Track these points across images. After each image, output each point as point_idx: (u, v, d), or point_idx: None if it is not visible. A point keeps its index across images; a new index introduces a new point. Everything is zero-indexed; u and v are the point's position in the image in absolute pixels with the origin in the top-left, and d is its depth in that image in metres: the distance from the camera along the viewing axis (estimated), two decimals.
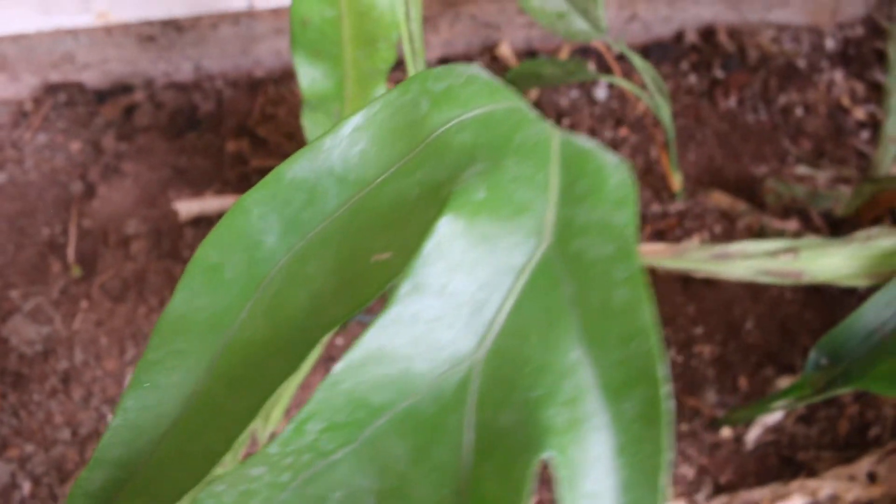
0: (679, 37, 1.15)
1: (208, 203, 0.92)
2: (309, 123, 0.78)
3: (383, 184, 0.40)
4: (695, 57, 1.14)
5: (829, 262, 0.73)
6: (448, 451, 0.34)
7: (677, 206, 0.99)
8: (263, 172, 0.98)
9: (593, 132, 1.05)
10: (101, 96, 1.07)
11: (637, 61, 0.95)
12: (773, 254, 0.73)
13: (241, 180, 0.98)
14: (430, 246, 0.35)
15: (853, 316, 0.71)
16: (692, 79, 1.12)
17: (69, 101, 1.06)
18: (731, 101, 1.10)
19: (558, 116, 1.06)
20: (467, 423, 0.34)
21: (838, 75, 1.13)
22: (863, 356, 0.71)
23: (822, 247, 0.73)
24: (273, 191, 0.40)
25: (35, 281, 0.93)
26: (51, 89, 1.07)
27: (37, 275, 0.93)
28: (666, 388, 0.32)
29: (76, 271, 0.92)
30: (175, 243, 0.94)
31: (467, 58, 1.12)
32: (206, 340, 0.41)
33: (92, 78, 1.06)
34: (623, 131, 1.06)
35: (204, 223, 0.95)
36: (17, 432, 0.87)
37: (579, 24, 0.87)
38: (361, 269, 0.39)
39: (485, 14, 1.07)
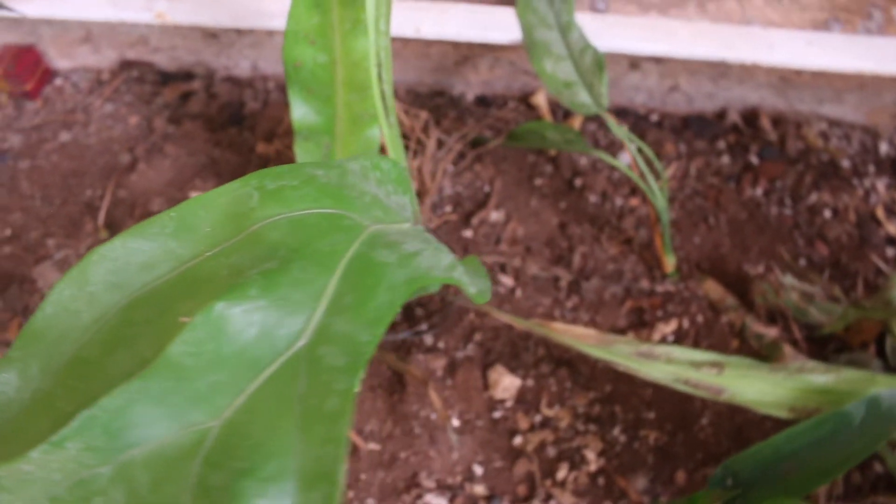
0: (721, 115, 1.14)
1: None
2: (301, 151, 0.84)
3: (206, 260, 0.45)
4: (733, 138, 1.12)
5: (753, 386, 0.72)
6: (178, 490, 0.40)
7: (666, 286, 0.99)
8: None
9: (604, 196, 1.06)
10: (166, 79, 1.17)
11: (634, 145, 0.96)
12: (698, 364, 0.73)
13: None
14: (202, 319, 0.41)
15: (764, 444, 0.71)
16: (724, 159, 1.10)
17: (139, 78, 1.18)
18: (758, 190, 1.08)
19: (573, 175, 1.08)
20: (194, 472, 0.40)
21: (881, 183, 1.08)
22: (762, 485, 0.71)
23: (751, 368, 0.73)
24: (124, 250, 0.47)
25: (69, 235, 1.05)
26: (126, 65, 1.19)
27: (72, 229, 1.05)
28: (340, 491, 0.37)
29: (103, 234, 1.03)
30: None
31: (504, 100, 1.15)
32: (52, 351, 0.48)
33: (162, 60, 1.17)
34: (634, 201, 1.06)
35: None
36: None
37: (583, 96, 0.89)
38: (171, 324, 0.45)
39: (524, 61, 1.10)
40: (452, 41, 0.99)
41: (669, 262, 0.99)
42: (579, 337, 0.78)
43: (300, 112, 0.81)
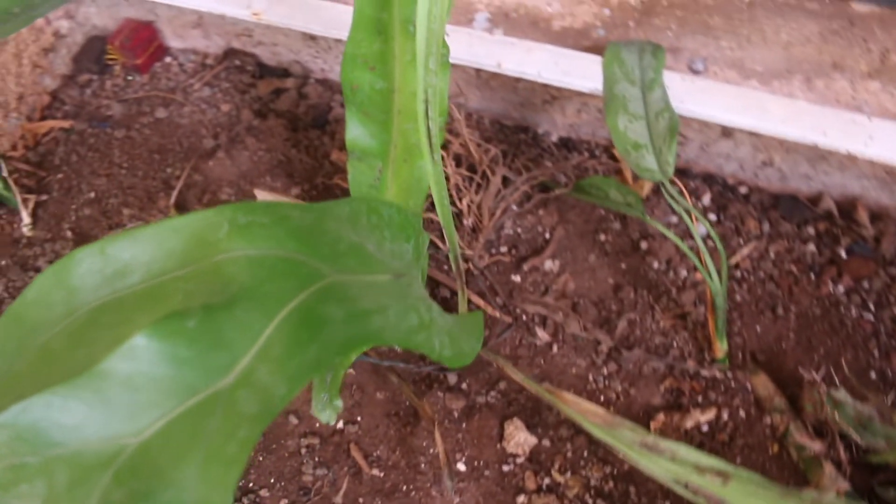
0: (815, 199, 1.05)
1: (282, 201, 1.03)
2: (353, 171, 0.85)
3: (170, 280, 0.46)
4: (823, 226, 1.04)
5: None
6: (87, 496, 0.41)
7: (713, 371, 0.93)
8: (342, 191, 1.07)
9: (668, 264, 1.01)
10: (263, 72, 1.21)
11: (700, 223, 0.90)
12: (703, 470, 0.68)
13: (324, 192, 1.07)
14: (141, 340, 0.41)
15: None
16: (809, 247, 1.02)
17: (240, 67, 1.21)
18: (840, 288, 0.99)
19: (640, 237, 1.03)
20: (103, 483, 0.41)
21: None
22: None
23: (759, 487, 0.67)
24: (103, 256, 0.48)
25: (143, 208, 1.10)
26: (230, 53, 1.23)
27: (147, 203, 1.10)
28: None
29: (173, 213, 1.08)
30: None
31: (587, 146, 1.11)
32: (28, 335, 0.50)
33: (263, 54, 1.21)
34: (699, 275, 1.00)
35: None
36: None
37: (650, 161, 0.85)
38: (126, 334, 0.46)
39: None
40: (534, 81, 0.96)
41: (720, 348, 0.93)
42: (585, 412, 0.74)
43: (355, 133, 0.81)
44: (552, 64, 0.94)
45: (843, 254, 1.02)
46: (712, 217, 1.06)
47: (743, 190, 1.09)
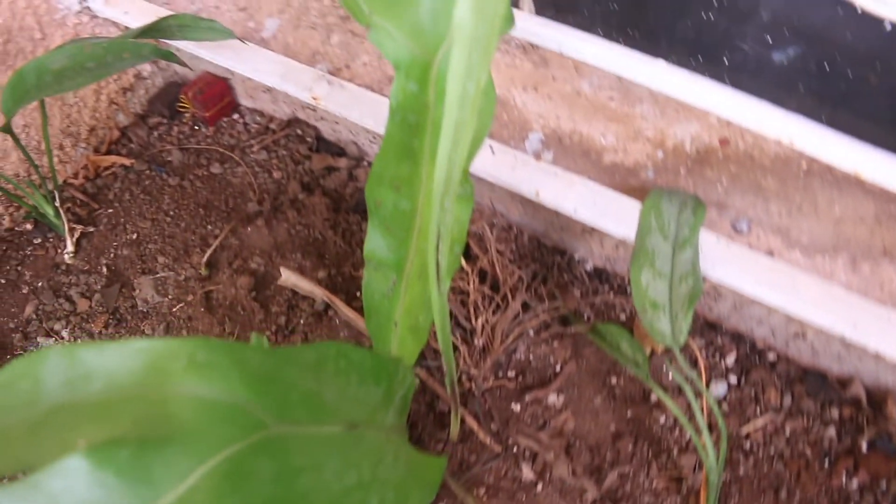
0: (846, 382, 1.01)
1: (303, 284, 1.04)
2: (368, 278, 0.85)
3: (124, 400, 0.47)
4: (849, 411, 0.99)
5: None
6: None
7: None
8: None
9: (676, 422, 0.98)
10: (321, 147, 1.23)
11: (715, 388, 0.87)
12: None
13: (348, 280, 1.08)
14: (64, 464, 0.42)
15: None
16: (829, 432, 0.97)
17: (300, 137, 1.25)
18: (853, 482, 0.94)
19: (651, 388, 1.00)
20: None
21: None
22: None
23: None
24: (73, 359, 0.50)
25: (176, 259, 1.13)
26: (294, 122, 1.26)
27: (182, 255, 1.13)
28: None
29: (203, 270, 1.10)
30: (266, 296, 1.07)
31: (621, 282, 1.10)
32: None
33: (324, 128, 1.24)
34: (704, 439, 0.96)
35: (290, 295, 1.07)
36: None
37: (664, 324, 0.82)
38: (70, 444, 0.47)
39: None
40: (567, 215, 0.95)
41: None
42: None
43: (375, 244, 0.82)
44: (590, 202, 0.94)
45: (864, 446, 0.97)
46: (733, 379, 1.02)
47: (771, 356, 1.04)
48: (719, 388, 1.01)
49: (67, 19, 1.16)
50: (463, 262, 1.01)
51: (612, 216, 0.93)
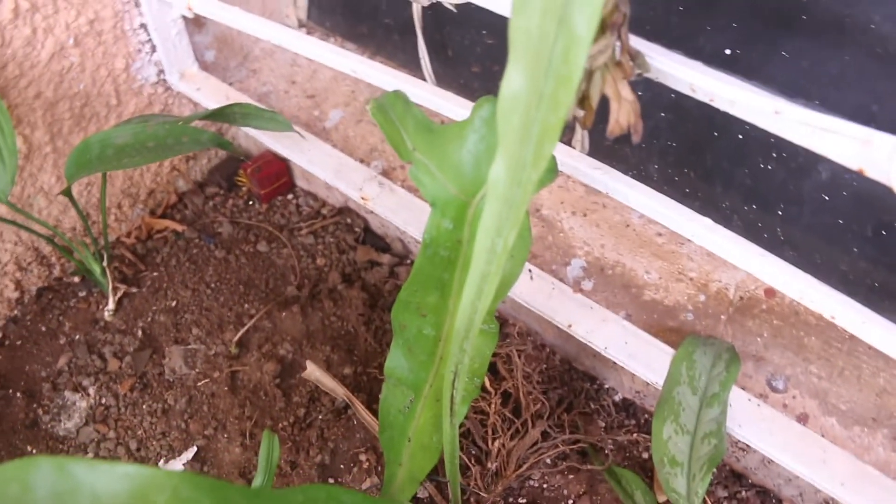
0: None
1: (326, 381, 1.04)
2: (387, 392, 0.85)
3: None
4: None
5: None
6: None
7: None
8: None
9: None
10: (367, 239, 1.25)
11: None
12: None
13: (372, 381, 1.08)
14: None
15: None
16: None
17: (348, 227, 1.26)
18: None
19: None
20: None
21: None
22: None
23: None
24: (62, 471, 0.50)
25: (211, 333, 1.14)
26: (345, 210, 1.28)
27: (215, 330, 1.14)
28: None
29: (233, 349, 1.11)
30: (290, 385, 1.08)
31: (647, 418, 1.07)
32: None
33: (373, 221, 1.25)
34: None
35: (313, 388, 1.07)
36: (123, 422, 1.09)
37: (680, 484, 0.80)
38: None
39: None
40: (596, 352, 0.94)
41: None
42: None
43: (396, 363, 0.82)
44: (622, 342, 0.92)
45: None
46: None
47: None
48: None
49: (144, 89, 1.21)
50: (487, 381, 1.00)
51: (642, 359, 0.91)
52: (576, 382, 1.10)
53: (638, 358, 0.91)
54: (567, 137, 1.04)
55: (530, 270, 0.99)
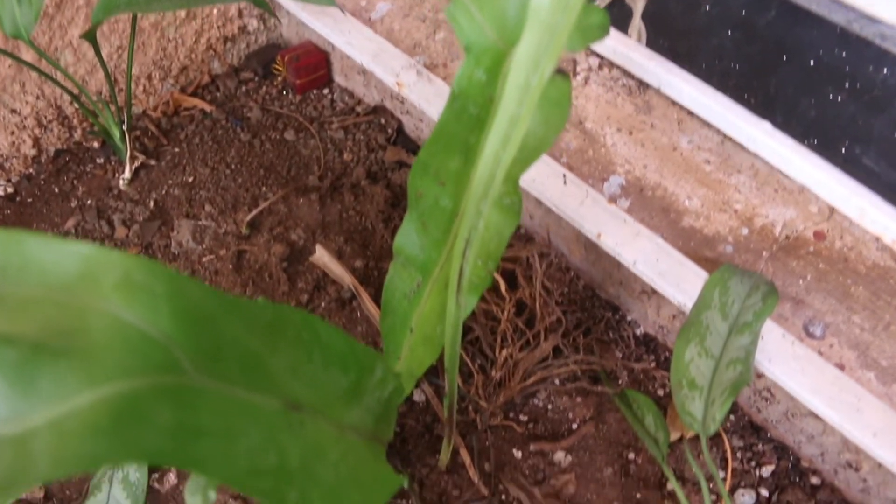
0: None
1: (334, 267, 0.99)
2: (393, 274, 0.79)
3: (47, 299, 0.42)
4: None
5: None
6: None
7: None
8: None
9: None
10: (398, 140, 1.19)
11: (745, 499, 0.76)
12: None
13: (382, 276, 1.03)
14: None
15: None
16: None
17: (381, 126, 1.21)
18: None
19: (675, 477, 0.90)
20: None
21: None
22: None
23: None
24: (18, 245, 0.45)
25: (223, 212, 1.09)
26: (380, 109, 1.22)
27: (228, 209, 1.10)
28: None
29: (244, 229, 1.07)
30: (296, 270, 1.03)
31: (667, 356, 1.00)
32: None
33: (407, 123, 1.19)
34: None
35: (320, 275, 1.02)
36: None
37: (697, 407, 0.73)
38: None
39: None
40: (622, 279, 0.87)
41: None
42: None
43: (407, 238, 0.76)
44: (653, 259, 0.85)
45: None
46: (764, 492, 0.91)
47: (814, 481, 0.93)
48: (746, 498, 0.90)
49: None
50: (503, 287, 0.93)
51: (673, 279, 0.84)
52: (597, 310, 1.03)
53: (668, 277, 0.85)
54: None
55: (564, 175, 0.92)
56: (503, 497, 0.87)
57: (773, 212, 0.95)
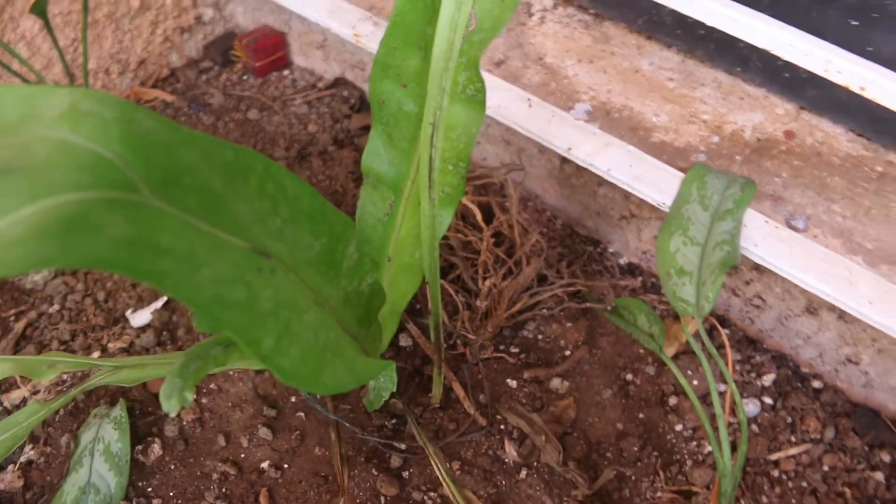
0: None
1: None
2: (364, 198, 0.77)
3: None
4: None
5: None
6: None
7: None
8: None
9: (694, 431, 0.85)
10: (363, 108, 1.18)
11: (748, 405, 0.74)
12: None
13: None
14: None
15: None
16: (877, 475, 0.82)
17: (344, 98, 1.20)
18: None
19: (673, 392, 0.88)
20: None
21: None
22: None
23: None
24: None
25: None
26: (341, 81, 1.22)
27: None
28: None
29: None
30: None
31: (654, 280, 0.98)
32: None
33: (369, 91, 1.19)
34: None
35: None
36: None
37: (688, 292, 0.71)
38: None
39: None
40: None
41: None
42: None
43: (374, 153, 0.74)
44: (626, 165, 0.84)
45: None
46: (767, 400, 0.88)
47: (816, 384, 0.91)
48: (750, 408, 0.88)
49: None
50: (480, 217, 0.92)
51: (649, 181, 0.83)
52: (578, 246, 1.02)
53: (644, 180, 0.83)
54: None
55: (529, 99, 0.91)
56: (502, 427, 0.84)
57: (741, 118, 0.95)
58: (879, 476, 0.83)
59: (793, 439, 0.86)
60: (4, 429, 0.69)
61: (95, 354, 0.95)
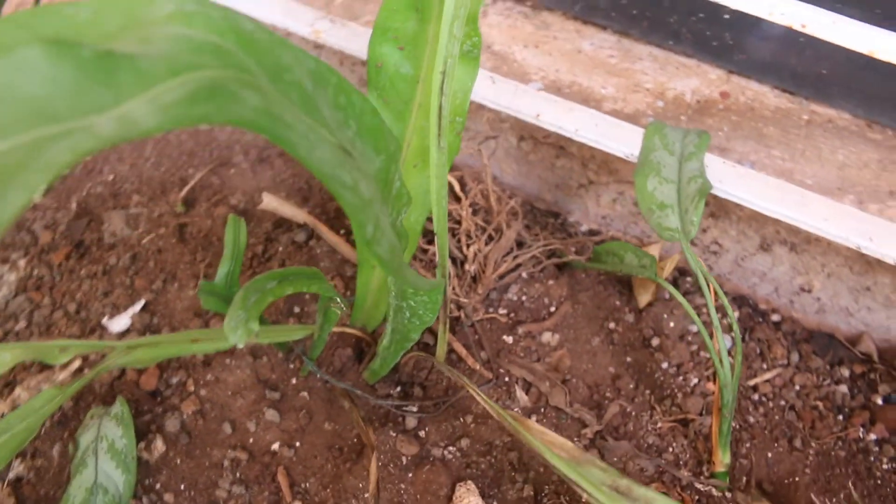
0: (854, 340, 0.95)
1: (286, 209, 0.98)
2: None
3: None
4: (860, 368, 0.93)
5: None
6: None
7: (709, 487, 0.80)
8: None
9: (679, 368, 0.91)
10: None
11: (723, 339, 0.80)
12: None
13: (332, 219, 1.03)
14: (19, 55, 0.36)
15: None
16: (841, 388, 0.91)
17: None
18: (871, 436, 0.87)
19: (654, 334, 0.94)
20: None
21: None
22: None
23: None
24: None
25: (153, 198, 1.07)
26: None
27: (158, 195, 1.07)
28: None
29: (179, 207, 1.04)
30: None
31: (613, 240, 1.05)
32: None
33: None
34: (711, 385, 0.89)
35: (269, 228, 1.01)
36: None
37: (672, 220, 0.78)
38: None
39: None
40: (570, 139, 0.92)
41: (722, 460, 0.80)
42: (550, 444, 0.63)
43: None
44: (592, 125, 0.91)
45: (879, 401, 0.90)
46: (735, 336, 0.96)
47: (775, 318, 0.99)
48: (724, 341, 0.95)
49: None
50: (458, 187, 0.96)
51: (614, 137, 0.90)
52: (540, 219, 1.07)
53: (610, 136, 0.90)
54: None
55: (492, 77, 0.97)
56: (507, 378, 0.87)
57: (680, 84, 1.04)
58: (843, 388, 0.91)
59: (764, 366, 0.93)
60: (21, 416, 0.66)
61: (76, 364, 0.92)
